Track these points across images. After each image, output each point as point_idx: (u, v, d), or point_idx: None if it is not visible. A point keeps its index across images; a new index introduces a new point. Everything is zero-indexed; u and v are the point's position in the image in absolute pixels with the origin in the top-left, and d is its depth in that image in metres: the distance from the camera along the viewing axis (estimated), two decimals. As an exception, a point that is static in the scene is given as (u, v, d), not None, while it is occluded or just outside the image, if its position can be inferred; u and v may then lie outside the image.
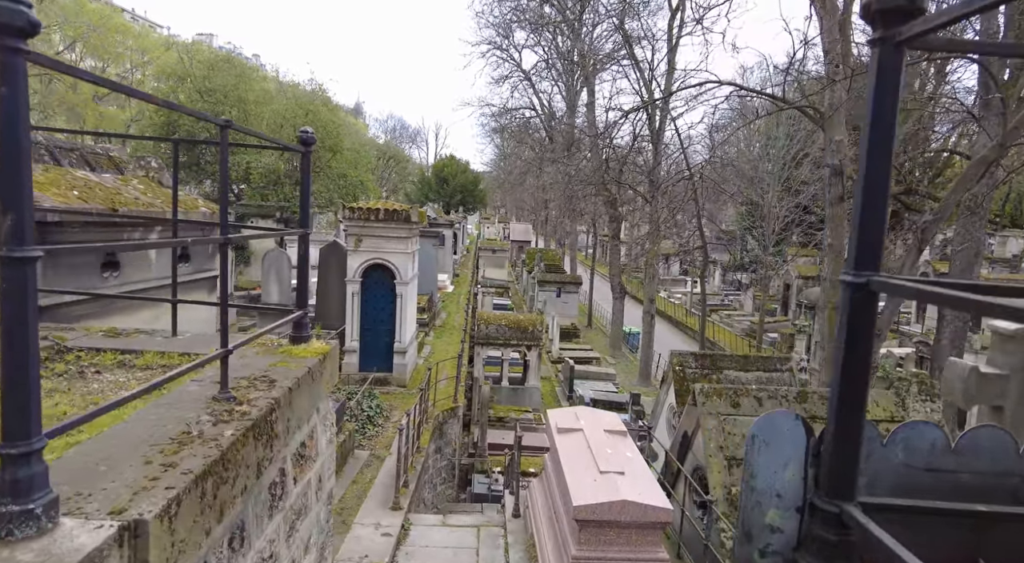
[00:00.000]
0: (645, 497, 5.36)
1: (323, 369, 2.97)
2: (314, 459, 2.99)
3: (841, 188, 10.19)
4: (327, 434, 3.22)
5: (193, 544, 1.62)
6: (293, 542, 2.71)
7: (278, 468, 2.50)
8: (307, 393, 2.71)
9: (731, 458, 6.63)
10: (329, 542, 3.36)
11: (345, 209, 12.41)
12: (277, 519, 2.50)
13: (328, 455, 3.24)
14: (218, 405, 2.17)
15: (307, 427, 2.89)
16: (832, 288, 10.51)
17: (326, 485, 3.22)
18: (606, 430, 6.69)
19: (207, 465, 1.70)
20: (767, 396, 7.03)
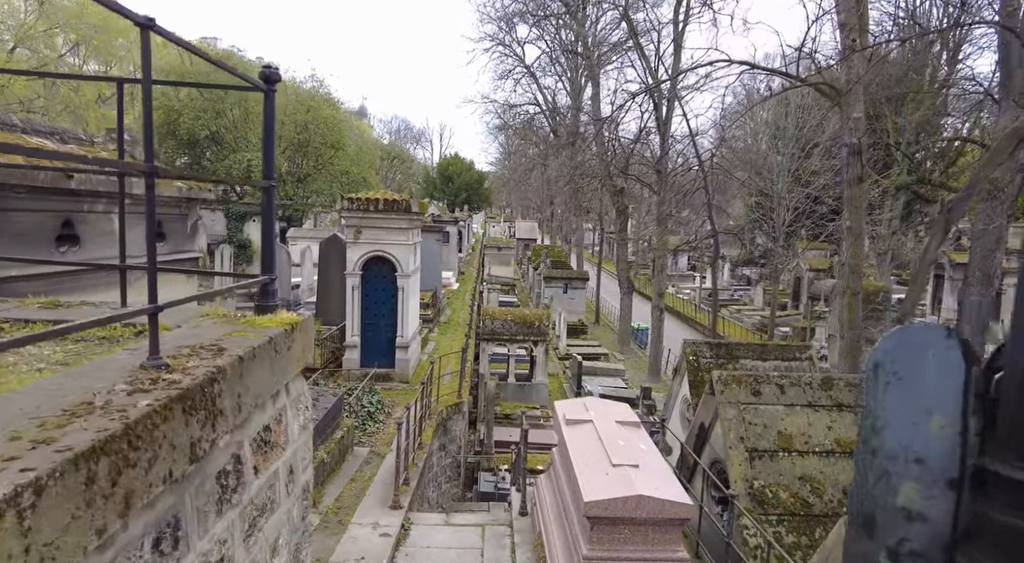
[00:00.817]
0: (662, 492, 4.92)
1: (291, 341, 2.55)
2: (282, 447, 2.58)
3: (859, 168, 9.69)
4: (300, 419, 2.81)
5: (72, 548, 1.20)
6: (254, 543, 2.29)
7: (230, 454, 2.09)
8: (268, 367, 2.29)
9: (752, 450, 6.18)
10: (306, 543, 2.94)
11: (343, 200, 12.03)
12: (230, 516, 2.08)
13: (302, 443, 2.83)
14: (143, 373, 1.75)
15: (272, 409, 2.47)
16: (851, 273, 10.02)
17: (300, 477, 2.81)
18: (617, 421, 6.26)
19: (99, 441, 1.28)
20: (790, 383, 6.58)
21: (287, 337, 2.54)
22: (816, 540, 5.78)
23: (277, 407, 2.56)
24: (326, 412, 7.79)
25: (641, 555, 4.93)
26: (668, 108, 22.19)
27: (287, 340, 2.54)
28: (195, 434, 1.72)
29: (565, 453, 5.89)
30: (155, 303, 1.82)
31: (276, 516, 2.53)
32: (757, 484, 6.07)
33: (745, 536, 5.78)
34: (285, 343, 2.50)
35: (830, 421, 6.38)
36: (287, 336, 2.54)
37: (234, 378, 1.99)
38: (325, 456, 7.49)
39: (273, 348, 2.37)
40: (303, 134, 26.19)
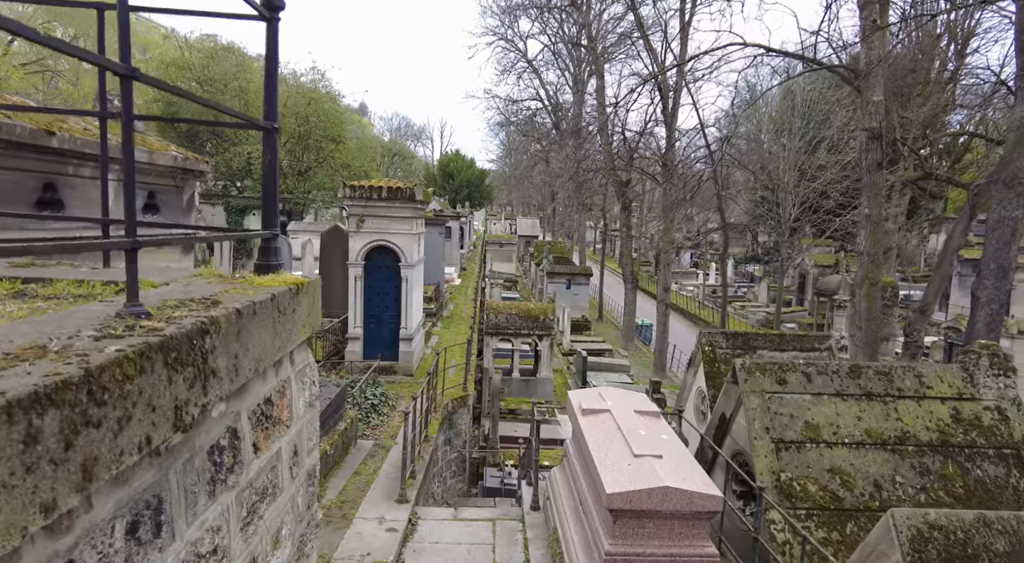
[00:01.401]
0: (689, 483, 4.61)
1: (296, 303, 2.24)
2: (286, 424, 2.27)
3: (880, 153, 9.37)
4: (305, 395, 2.50)
5: (5, 529, 0.89)
6: (253, 533, 1.98)
7: (225, 427, 1.78)
8: (271, 328, 1.98)
9: (779, 441, 5.87)
10: (312, 535, 2.63)
11: (346, 187, 11.71)
12: (225, 500, 1.77)
13: (307, 422, 2.52)
14: (117, 321, 1.44)
15: (274, 379, 2.16)
16: (871, 262, 9.71)
17: (305, 460, 2.49)
18: (636, 411, 5.95)
19: (46, 389, 0.97)
20: (816, 371, 6.26)
21: (292, 298, 2.23)
22: (847, 536, 5.47)
23: (280, 378, 2.24)
24: (328, 402, 7.48)
25: (667, 551, 4.62)
26: (675, 99, 21.83)
27: (292, 301, 2.22)
28: (181, 395, 1.41)
29: (582, 444, 5.58)
30: (133, 236, 1.50)
31: (279, 503, 2.22)
32: (784, 477, 5.76)
33: (772, 531, 5.47)
34: (290, 304, 2.19)
35: (859, 411, 6.07)
36: (292, 296, 2.22)
37: (230, 334, 1.67)
38: (328, 448, 7.19)
39: (276, 307, 2.05)
40: (304, 127, 25.87)
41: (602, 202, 37.03)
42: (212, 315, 1.58)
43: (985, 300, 15.55)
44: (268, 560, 2.12)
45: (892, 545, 3.81)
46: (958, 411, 6.03)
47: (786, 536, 5.45)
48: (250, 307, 1.81)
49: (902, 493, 5.61)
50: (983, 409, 6.03)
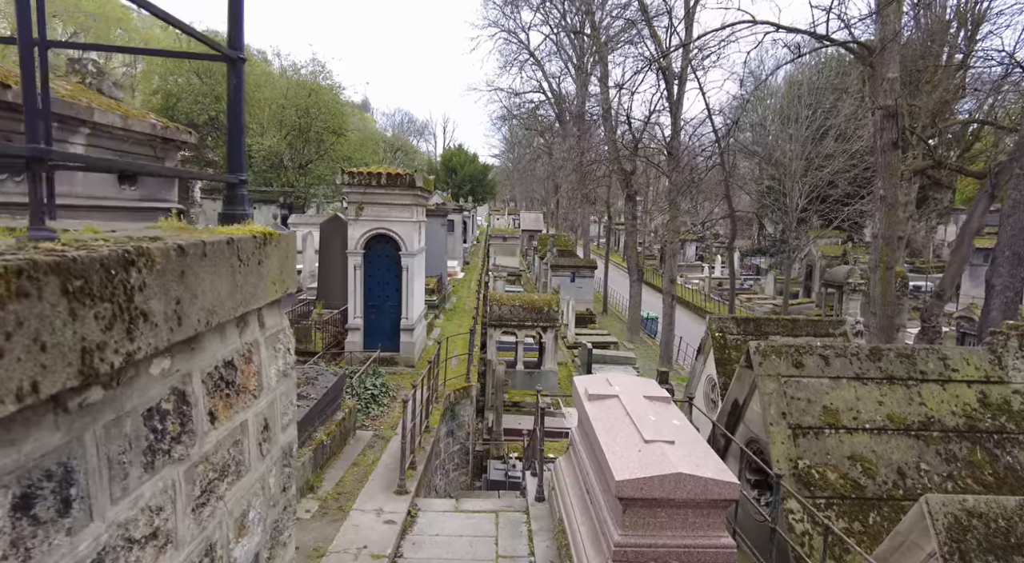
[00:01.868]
0: (703, 469, 4.32)
1: (263, 255, 1.96)
2: (253, 393, 1.98)
3: (896, 132, 9.03)
4: (279, 363, 2.21)
5: None
6: (210, 516, 1.70)
7: (169, 388, 1.49)
8: (228, 278, 1.70)
9: (796, 426, 5.57)
10: (288, 521, 2.35)
11: (344, 174, 11.42)
12: (170, 474, 1.49)
13: (281, 394, 2.23)
14: (9, 244, 1.15)
15: (236, 340, 1.88)
16: (886, 246, 9.37)
17: (278, 437, 2.21)
18: (646, 396, 5.66)
19: None
20: (835, 354, 5.96)
21: (257, 248, 1.94)
22: (870, 526, 5.18)
23: (245, 340, 1.95)
24: (326, 391, 7.22)
25: (681, 541, 4.33)
26: (680, 86, 21.44)
27: (257, 251, 1.93)
28: (92, 336, 1.12)
29: (589, 430, 5.29)
30: (36, 143, 1.22)
31: (244, 483, 1.93)
32: (802, 464, 5.47)
33: (791, 521, 5.18)
34: (254, 254, 1.90)
35: (880, 395, 5.76)
36: (257, 246, 1.94)
37: (169, 273, 1.39)
38: (325, 438, 6.92)
39: (236, 254, 1.76)
40: (304, 119, 25.59)
41: (606, 194, 36.65)
42: (142, 246, 1.29)
43: (1000, 288, 15.17)
44: (230, 549, 1.84)
45: (926, 534, 3.52)
46: (986, 395, 5.71)
47: (805, 526, 5.15)
48: (197, 246, 1.53)
49: (927, 481, 5.31)
50: (1012, 393, 5.72)
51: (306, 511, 6.02)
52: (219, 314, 1.66)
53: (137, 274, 1.26)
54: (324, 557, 5.22)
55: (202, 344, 1.66)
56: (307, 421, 6.66)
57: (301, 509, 6.05)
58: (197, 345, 1.64)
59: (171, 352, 1.50)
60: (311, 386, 7.22)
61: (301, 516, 5.92)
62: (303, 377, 7.50)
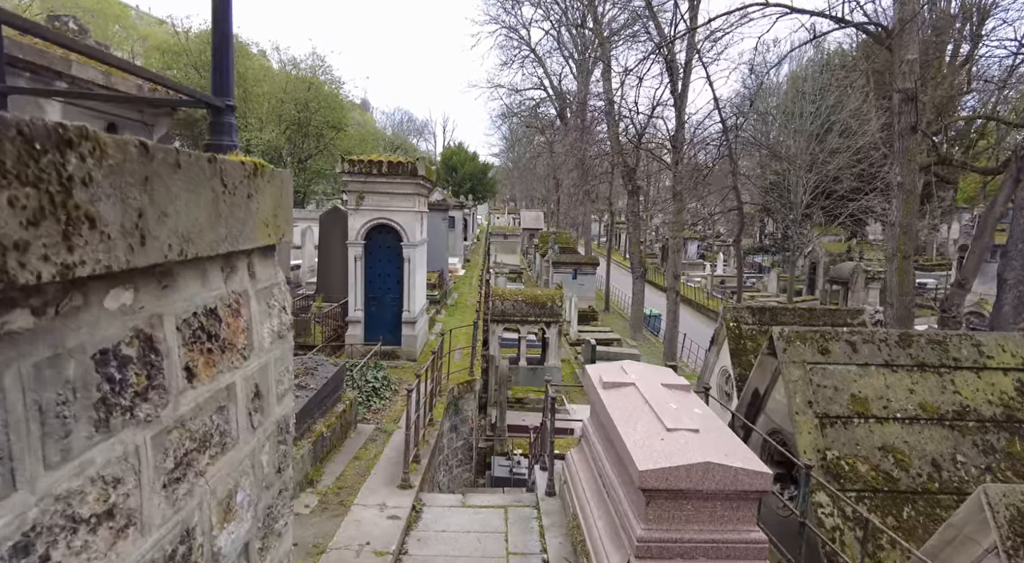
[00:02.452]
0: (732, 458, 4.02)
1: (254, 189, 1.65)
2: (242, 352, 1.67)
3: (914, 116, 8.73)
4: (272, 322, 1.90)
5: None
6: (187, 494, 1.39)
7: (131, 329, 1.19)
8: (210, 204, 1.39)
9: (823, 415, 5.27)
10: (284, 508, 2.04)
11: (344, 162, 11.10)
12: (132, 438, 1.18)
13: (277, 358, 1.93)
14: None
15: (221, 284, 1.57)
16: (903, 234, 9.07)
17: (273, 408, 1.90)
18: (664, 384, 5.36)
19: None
20: (862, 340, 5.65)
21: (246, 178, 1.63)
22: (904, 520, 4.88)
23: (232, 288, 1.64)
24: (325, 382, 6.91)
25: (708, 536, 4.03)
26: (684, 78, 21.13)
27: (246, 182, 1.62)
28: (8, 231, 0.82)
29: (605, 419, 4.99)
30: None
31: (230, 458, 1.62)
32: (831, 455, 5.17)
33: (820, 515, 4.88)
34: (242, 184, 1.59)
35: (911, 383, 5.47)
36: (246, 176, 1.63)
37: (129, 176, 1.08)
38: (325, 430, 6.61)
39: (219, 177, 1.45)
40: (303, 113, 25.28)
41: (608, 191, 36.35)
42: (88, 129, 0.99)
43: (1013, 281, 14.86)
44: (214, 535, 1.52)
45: (984, 527, 3.21)
46: (1023, 383, 5.41)
47: (835, 521, 4.85)
48: (168, 153, 1.22)
49: (964, 473, 5.00)
50: (1051, 380, 5.42)
51: (305, 506, 5.71)
52: (197, 245, 1.35)
53: (79, 162, 0.95)
54: (324, 554, 4.91)
55: (176, 282, 1.35)
56: (306, 412, 6.35)
57: (300, 504, 5.74)
58: (170, 282, 1.33)
59: (134, 283, 1.19)
60: (310, 376, 6.91)
61: (300, 511, 5.62)
62: (302, 367, 7.19)
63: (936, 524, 4.86)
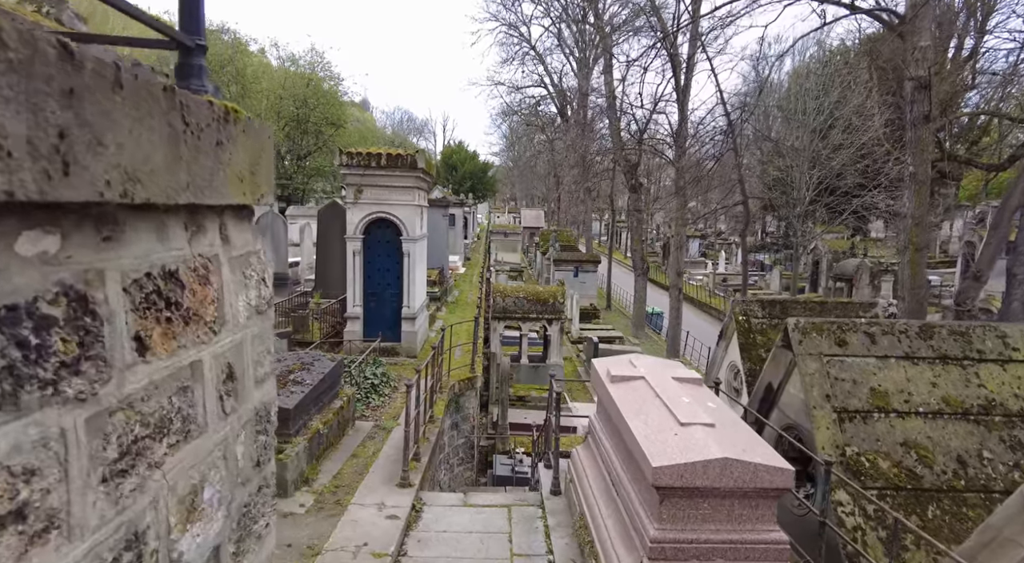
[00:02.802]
0: (751, 454, 3.78)
1: (227, 136, 1.41)
2: (211, 327, 1.44)
3: (928, 104, 8.49)
4: (249, 294, 1.67)
5: None
6: (136, 489, 1.16)
7: (55, 282, 0.95)
8: (165, 142, 1.16)
9: (842, 410, 5.05)
10: (265, 507, 1.81)
11: (343, 155, 10.87)
12: (55, 419, 0.95)
13: (255, 335, 1.69)
14: None
15: (184, 244, 1.34)
16: (915, 226, 8.84)
17: (251, 393, 1.67)
18: (675, 378, 5.12)
19: None
20: (881, 331, 5.43)
21: (216, 121, 1.39)
22: (929, 520, 4.65)
23: (199, 250, 1.41)
24: (322, 377, 6.68)
25: (726, 536, 3.80)
26: (687, 73, 20.90)
27: (215, 126, 1.39)
28: None
29: (614, 414, 4.76)
30: None
31: (196, 448, 1.38)
32: (850, 451, 4.94)
33: (840, 515, 4.66)
34: (210, 128, 1.35)
35: (933, 376, 5.24)
36: (215, 120, 1.39)
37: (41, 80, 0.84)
38: (321, 427, 6.38)
39: (178, 113, 1.22)
40: (302, 109, 25.03)
41: (610, 188, 36.11)
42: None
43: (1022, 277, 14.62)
44: (173, 539, 1.29)
45: (1028, 526, 2.98)
46: (1051, 376, 5.18)
47: (857, 520, 4.62)
48: (105, 68, 0.99)
49: (992, 471, 4.77)
50: (1080, 373, 5.18)
51: (300, 505, 5.48)
52: (148, 189, 1.12)
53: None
54: (319, 555, 4.68)
55: (124, 233, 1.12)
56: (302, 408, 6.12)
57: (295, 503, 5.51)
58: (115, 232, 1.10)
59: (59, 226, 0.96)
60: (306, 372, 6.68)
61: (294, 511, 5.38)
62: (298, 362, 6.96)
63: (963, 524, 4.63)
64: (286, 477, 5.56)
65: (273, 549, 1.88)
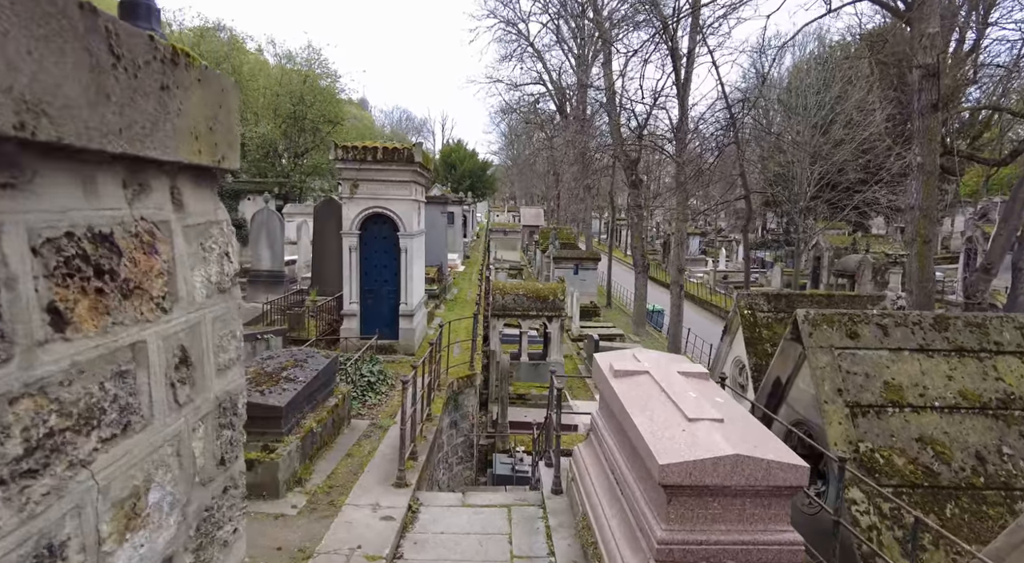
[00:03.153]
0: (763, 450, 3.59)
1: (174, 82, 1.21)
2: (158, 303, 1.24)
3: (936, 93, 8.29)
4: (210, 270, 1.47)
5: None
6: (52, 492, 0.96)
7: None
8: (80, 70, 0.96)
9: (854, 404, 4.85)
10: (232, 510, 1.61)
11: (338, 148, 10.66)
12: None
13: (215, 317, 1.49)
14: None
15: (121, 203, 1.14)
16: (923, 218, 8.64)
17: (210, 382, 1.47)
18: (680, 372, 4.93)
19: None
20: (894, 323, 5.23)
21: (159, 63, 1.19)
22: (947, 519, 4.46)
23: (142, 212, 1.20)
24: (316, 374, 6.48)
25: (737, 537, 3.60)
26: (688, 68, 20.69)
27: (158, 67, 1.18)
28: None
29: (618, 410, 4.56)
30: None
31: (137, 443, 1.17)
32: (864, 447, 4.75)
33: (855, 513, 4.46)
34: (150, 68, 1.15)
35: (949, 369, 5.04)
36: (158, 59, 1.19)
37: None
38: (315, 425, 6.18)
39: (105, 43, 1.02)
40: (299, 106, 24.81)
41: (610, 185, 35.91)
42: None
43: (1029, 271, 14.43)
44: (106, 551, 1.09)
45: (1063, 526, 2.79)
46: (1071, 368, 4.98)
47: (872, 519, 4.42)
48: None
49: (1012, 467, 4.57)
50: (1101, 365, 4.99)
51: (292, 506, 5.28)
52: (61, 127, 0.91)
53: None
54: (311, 559, 4.48)
55: (31, 181, 0.92)
56: (294, 406, 5.92)
57: (287, 504, 5.31)
58: (18, 178, 0.90)
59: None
60: (299, 368, 6.48)
61: (286, 512, 5.18)
62: (291, 359, 6.75)
63: (983, 523, 4.44)
64: (277, 477, 5.36)
65: (243, 557, 1.68)
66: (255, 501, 5.26)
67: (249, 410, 5.09)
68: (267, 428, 5.59)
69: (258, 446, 5.47)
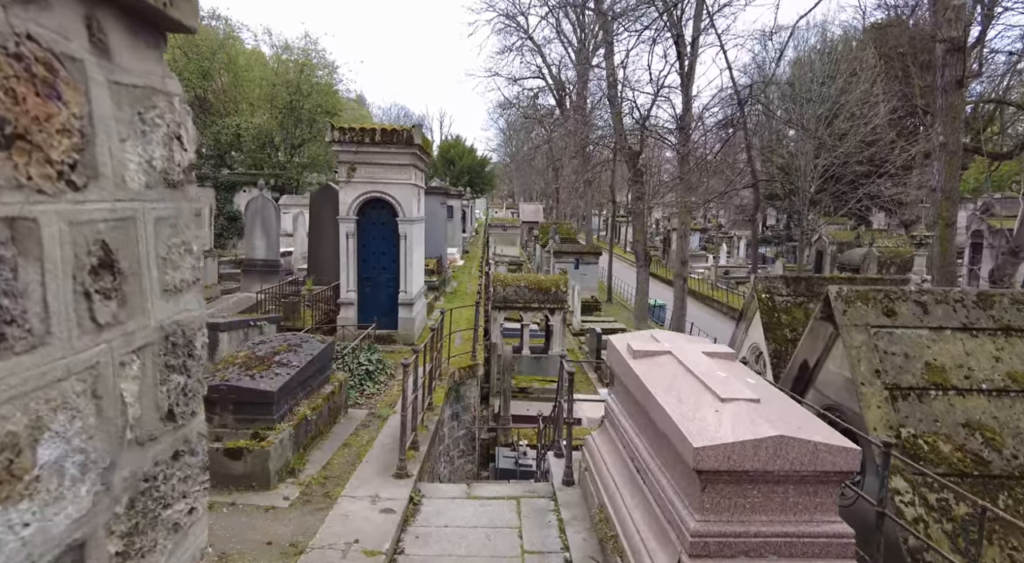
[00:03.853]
0: (808, 432, 3.21)
1: None
2: (60, 170, 0.84)
3: (961, 68, 7.91)
4: (150, 150, 1.07)
5: None
6: None
7: None
8: None
9: (894, 386, 4.48)
10: (185, 487, 1.21)
11: (334, 130, 10.25)
12: None
13: (159, 218, 1.09)
14: None
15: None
16: (945, 200, 8.27)
17: (151, 303, 1.07)
18: (705, 352, 4.54)
19: None
20: (934, 300, 4.86)
21: None
22: (1000, 510, 4.08)
23: (25, 22, 0.79)
24: (311, 359, 6.08)
25: (780, 528, 3.22)
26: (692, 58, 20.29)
27: None
28: None
29: (640, 392, 4.17)
30: None
31: (18, 366, 0.76)
32: (905, 433, 4.38)
33: (899, 504, 4.09)
34: None
35: (995, 349, 4.68)
36: None
37: None
38: (309, 413, 5.78)
39: None
40: (296, 97, 24.36)
41: (611, 179, 35.54)
42: None
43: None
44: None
45: None
46: None
47: (918, 511, 4.04)
48: None
49: (1068, 453, 4.20)
50: None
51: (284, 498, 4.89)
52: None
53: None
54: (304, 554, 4.10)
55: None
56: (287, 391, 5.53)
57: (278, 496, 4.92)
58: None
59: None
60: (293, 353, 6.09)
61: (277, 504, 4.79)
62: (284, 343, 6.36)
63: (1039, 514, 4.06)
64: (268, 467, 4.97)
65: (204, 546, 1.29)
66: (244, 492, 4.87)
67: (239, 395, 4.66)
68: (257, 414, 5.20)
69: (248, 434, 5.08)
